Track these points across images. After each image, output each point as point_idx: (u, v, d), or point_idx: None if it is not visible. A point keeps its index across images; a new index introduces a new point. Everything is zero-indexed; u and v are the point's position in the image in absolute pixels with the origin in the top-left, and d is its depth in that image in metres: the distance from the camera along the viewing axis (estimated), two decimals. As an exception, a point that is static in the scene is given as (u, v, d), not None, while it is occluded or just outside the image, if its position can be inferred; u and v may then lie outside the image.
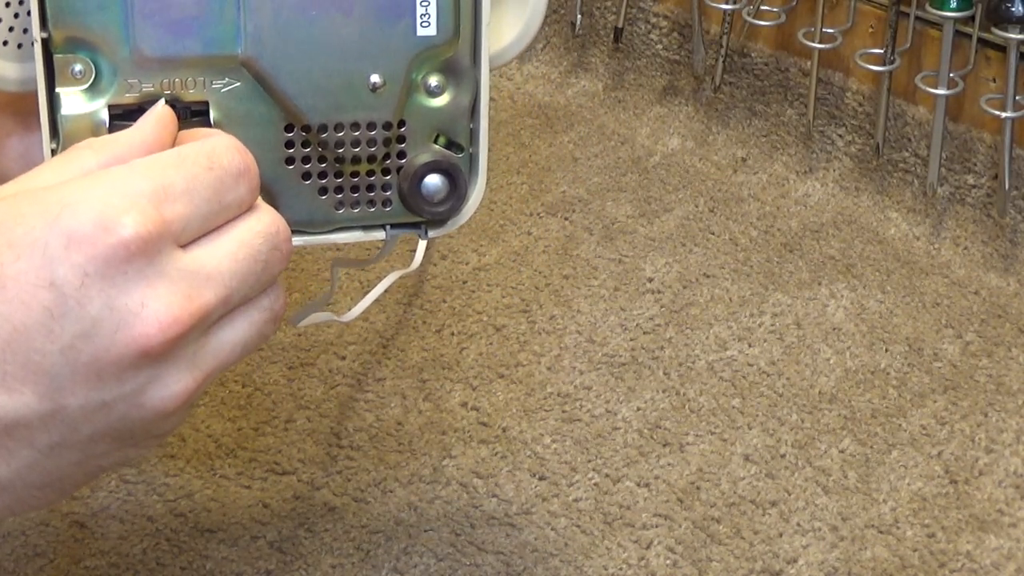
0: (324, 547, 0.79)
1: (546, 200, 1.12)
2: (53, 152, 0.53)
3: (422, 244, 1.01)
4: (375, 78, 0.55)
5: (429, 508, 0.82)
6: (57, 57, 0.52)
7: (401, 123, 0.56)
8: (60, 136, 0.53)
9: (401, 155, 0.57)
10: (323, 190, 0.56)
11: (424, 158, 0.56)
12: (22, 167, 0.56)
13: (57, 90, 0.52)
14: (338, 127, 0.55)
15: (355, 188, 0.57)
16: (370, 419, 0.89)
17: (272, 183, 0.55)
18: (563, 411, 0.89)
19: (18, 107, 0.56)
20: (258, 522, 0.81)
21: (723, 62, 1.18)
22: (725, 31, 1.17)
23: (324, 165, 0.56)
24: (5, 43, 0.53)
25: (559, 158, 1.17)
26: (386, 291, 1.00)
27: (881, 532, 0.80)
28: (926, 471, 0.85)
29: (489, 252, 1.05)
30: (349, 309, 0.95)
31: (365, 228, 0.58)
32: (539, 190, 1.13)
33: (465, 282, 1.02)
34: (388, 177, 0.57)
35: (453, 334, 0.96)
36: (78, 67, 0.52)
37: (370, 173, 0.56)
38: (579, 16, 1.29)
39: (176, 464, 0.85)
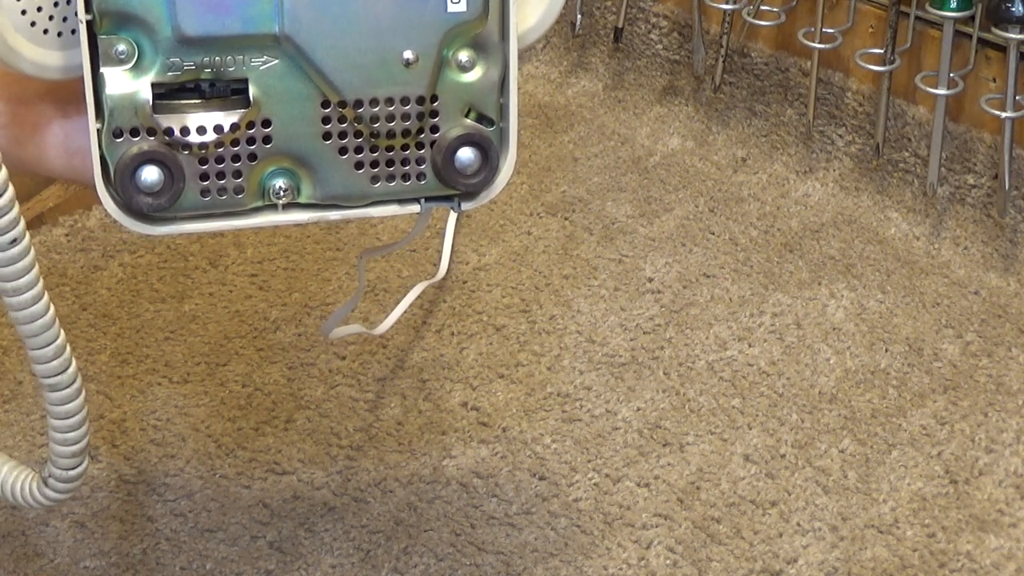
0: (324, 547, 0.79)
1: (546, 200, 1.12)
2: (98, 132, 0.53)
3: (446, 254, 1.01)
4: (408, 54, 0.56)
5: (429, 508, 0.82)
6: (101, 38, 0.53)
7: (434, 98, 0.57)
8: (105, 116, 0.53)
9: (434, 129, 0.58)
10: (359, 164, 0.58)
11: (457, 132, 0.58)
12: (62, 154, 0.57)
13: (101, 70, 0.53)
14: (373, 102, 0.57)
15: (390, 162, 0.58)
16: (370, 419, 0.89)
17: (310, 158, 0.57)
18: (563, 411, 0.89)
19: (58, 95, 0.56)
20: (258, 522, 0.81)
21: (723, 62, 1.18)
22: (725, 31, 1.17)
23: (360, 140, 0.57)
24: (46, 31, 0.53)
25: (559, 158, 1.17)
26: (385, 291, 1.00)
27: (881, 532, 0.80)
28: (926, 471, 0.85)
29: (489, 252, 1.05)
30: (350, 311, 0.95)
31: (400, 202, 0.59)
32: (539, 190, 1.13)
33: (465, 282, 1.02)
34: (422, 151, 0.58)
35: (453, 334, 0.96)
36: (121, 47, 0.53)
37: (404, 147, 0.58)
38: (579, 16, 1.29)
39: (176, 464, 0.85)
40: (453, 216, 1.07)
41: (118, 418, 0.88)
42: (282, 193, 0.56)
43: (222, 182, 0.55)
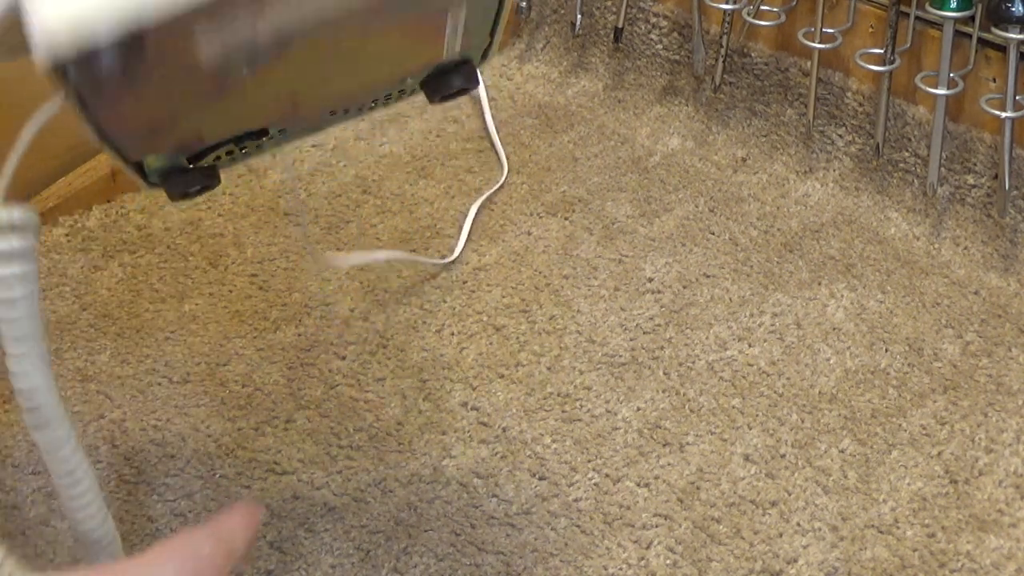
0: (324, 547, 0.79)
1: (546, 200, 1.12)
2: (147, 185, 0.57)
3: (463, 238, 1.01)
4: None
5: (429, 508, 0.82)
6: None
7: None
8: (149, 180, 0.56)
9: None
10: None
11: None
12: None
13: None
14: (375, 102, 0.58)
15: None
16: (370, 419, 0.89)
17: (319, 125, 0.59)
18: (563, 411, 0.89)
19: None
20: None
21: (723, 62, 1.18)
22: (725, 31, 1.17)
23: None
24: None
25: (559, 158, 1.17)
26: (386, 291, 1.00)
27: (881, 532, 0.80)
28: (926, 471, 0.85)
29: (489, 252, 1.05)
30: (350, 311, 0.95)
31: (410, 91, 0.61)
32: (539, 190, 1.13)
33: (465, 282, 1.02)
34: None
35: (453, 334, 0.96)
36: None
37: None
38: (579, 16, 1.29)
39: (176, 464, 0.85)
40: (474, 207, 1.07)
41: (118, 418, 0.88)
42: None
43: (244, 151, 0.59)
